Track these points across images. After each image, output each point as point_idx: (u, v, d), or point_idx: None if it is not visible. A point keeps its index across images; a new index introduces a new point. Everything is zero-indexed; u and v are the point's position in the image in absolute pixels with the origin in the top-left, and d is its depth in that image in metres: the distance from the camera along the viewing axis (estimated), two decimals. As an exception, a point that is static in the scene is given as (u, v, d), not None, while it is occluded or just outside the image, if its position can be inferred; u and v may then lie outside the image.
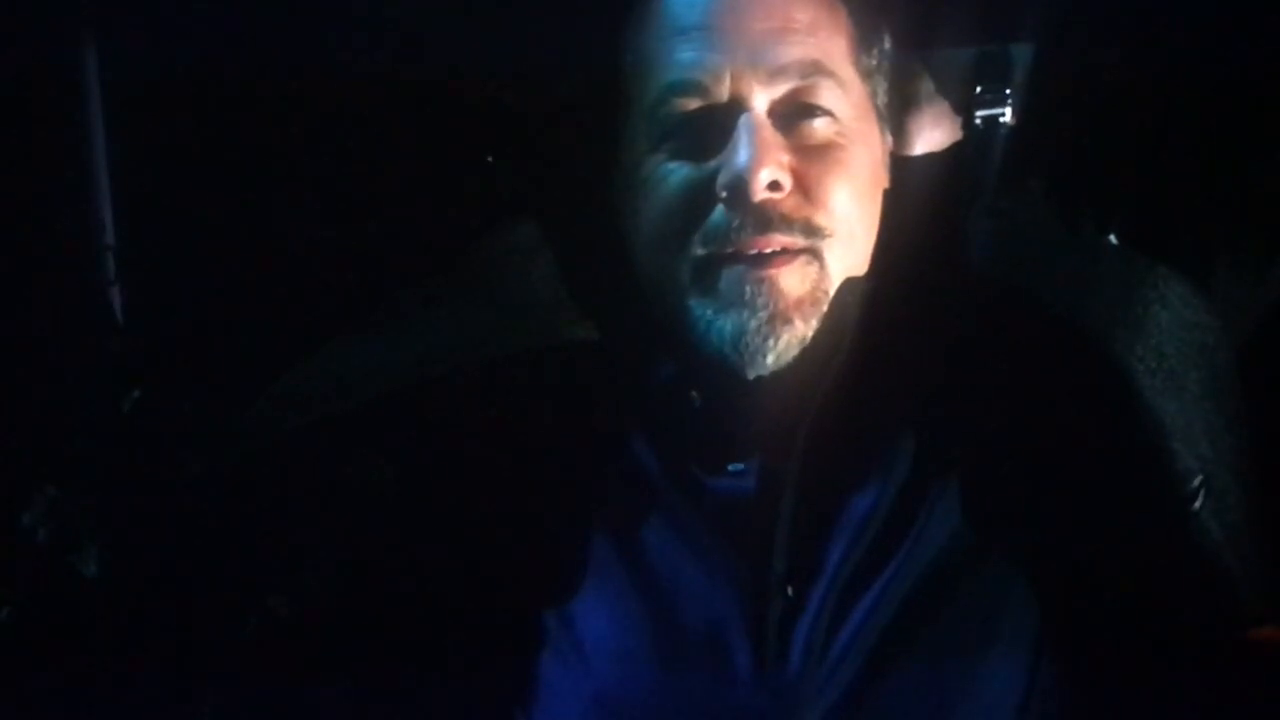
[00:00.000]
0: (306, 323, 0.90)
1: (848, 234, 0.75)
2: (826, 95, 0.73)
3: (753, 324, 0.72)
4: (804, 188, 0.73)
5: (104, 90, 1.08)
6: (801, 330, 0.73)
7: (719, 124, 0.72)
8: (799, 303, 0.73)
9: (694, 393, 0.77)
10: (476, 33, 0.78)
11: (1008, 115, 0.86)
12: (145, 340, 0.97)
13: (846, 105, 0.75)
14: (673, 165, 0.74)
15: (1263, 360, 0.85)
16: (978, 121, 0.86)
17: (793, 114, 0.73)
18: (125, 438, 0.85)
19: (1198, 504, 0.75)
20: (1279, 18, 0.86)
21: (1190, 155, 0.84)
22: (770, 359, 0.73)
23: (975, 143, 0.86)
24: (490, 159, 0.76)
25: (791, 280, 0.72)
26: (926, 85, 0.85)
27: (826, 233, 0.73)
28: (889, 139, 0.82)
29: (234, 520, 0.80)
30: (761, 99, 0.72)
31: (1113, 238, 0.78)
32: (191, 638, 0.83)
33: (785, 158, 0.72)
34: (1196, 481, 0.75)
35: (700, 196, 0.73)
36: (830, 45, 0.74)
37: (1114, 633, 0.78)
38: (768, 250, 0.72)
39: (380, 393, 0.74)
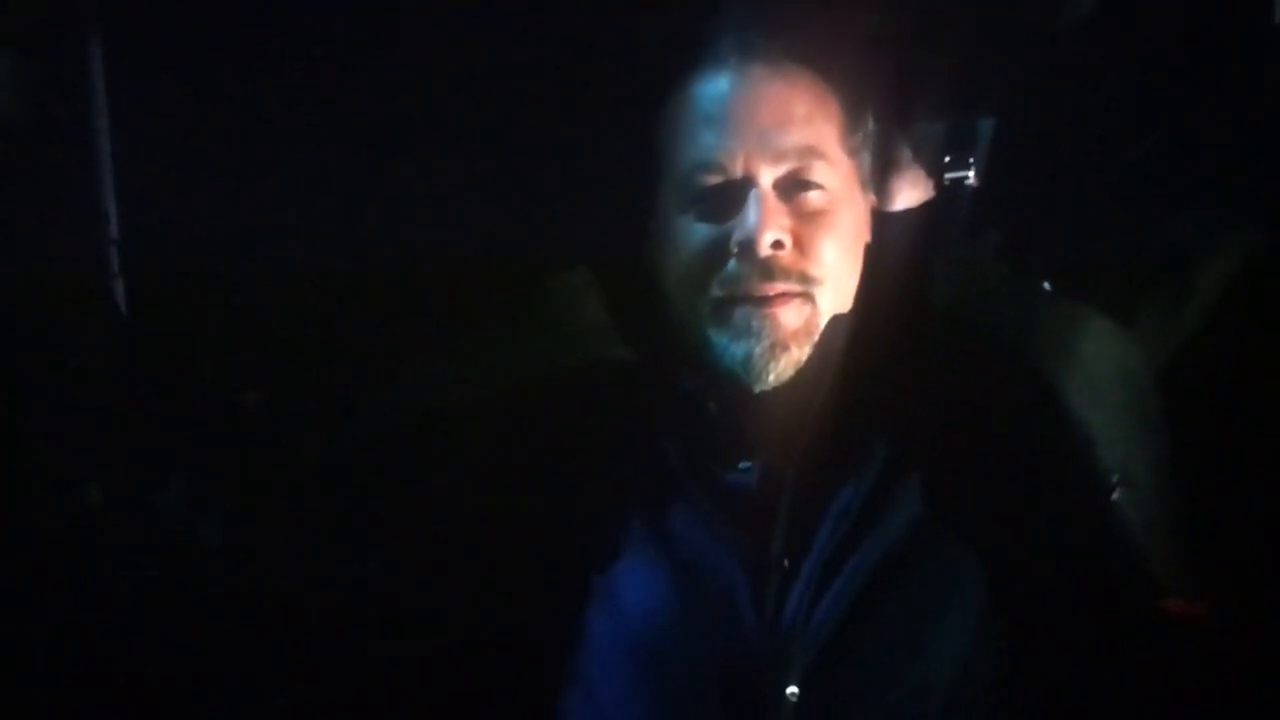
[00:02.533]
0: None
1: (835, 281, 0.93)
2: (819, 173, 0.91)
3: (758, 350, 0.91)
4: (800, 246, 0.91)
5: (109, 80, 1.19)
6: (797, 356, 0.91)
7: (734, 195, 0.91)
8: (795, 334, 0.91)
9: (712, 404, 0.94)
10: (539, 110, 0.97)
11: (971, 178, 1.04)
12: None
13: (835, 179, 0.93)
14: (697, 225, 0.92)
15: (1180, 380, 1.02)
16: (946, 183, 1.03)
17: (792, 188, 0.91)
18: (247, 431, 1.04)
19: (1116, 496, 0.92)
20: (1196, 102, 1.04)
21: (1118, 220, 1.02)
22: (772, 378, 0.91)
23: (944, 201, 1.03)
24: (552, 213, 0.94)
25: (789, 317, 0.91)
26: (904, 153, 1.02)
27: (818, 281, 0.91)
28: (872, 199, 1.00)
29: (339, 501, 0.99)
30: (767, 176, 0.90)
31: (1047, 285, 0.96)
32: (299, 597, 1.02)
33: (786, 222, 0.90)
34: (1115, 479, 0.92)
35: (718, 251, 0.91)
36: (823, 132, 0.92)
37: (1048, 600, 0.93)
38: (771, 293, 0.90)
39: (467, 397, 0.93)
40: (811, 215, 0.91)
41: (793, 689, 0.87)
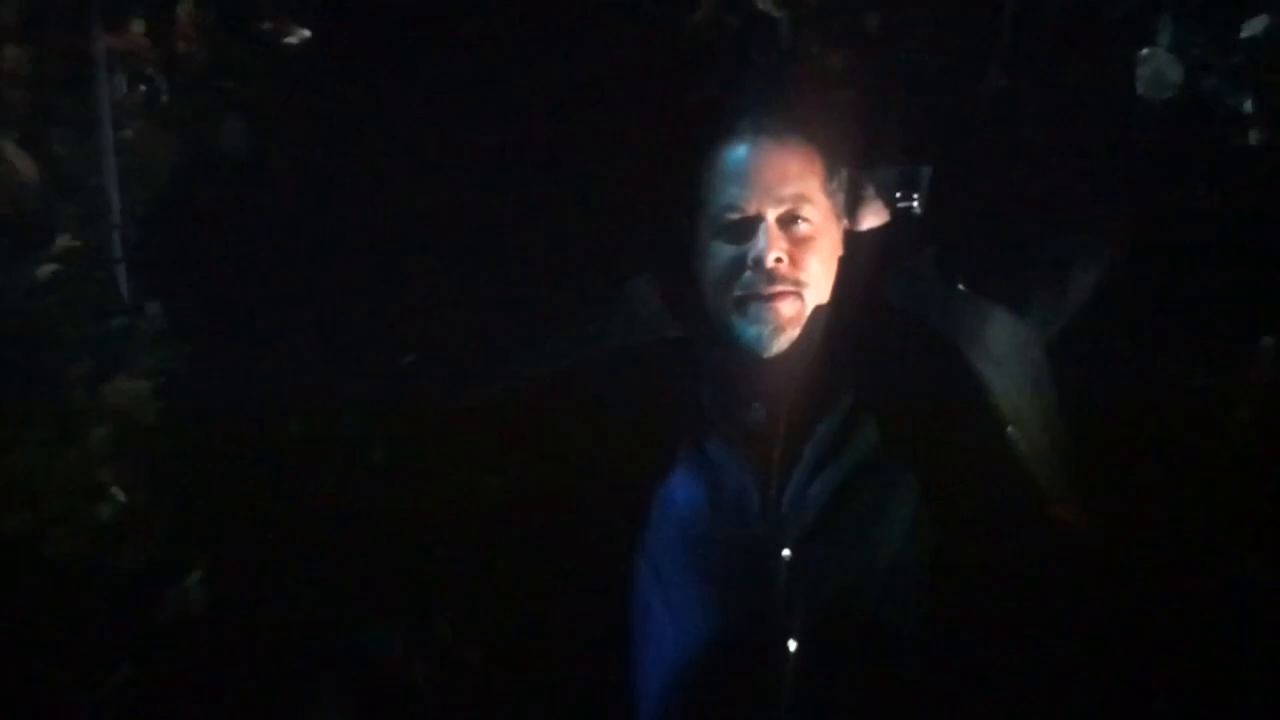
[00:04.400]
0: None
1: (817, 283, 1.31)
2: (806, 211, 1.30)
3: (766, 331, 1.30)
4: (794, 261, 1.29)
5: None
6: (791, 334, 1.30)
7: (749, 227, 1.29)
8: (790, 320, 1.30)
9: (734, 367, 1.33)
10: (626, 172, 1.38)
11: (915, 209, 1.42)
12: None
13: (818, 214, 1.31)
14: (725, 246, 1.31)
15: (1060, 351, 1.39)
16: (897, 213, 1.42)
17: (788, 222, 1.30)
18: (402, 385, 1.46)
19: (1010, 430, 1.29)
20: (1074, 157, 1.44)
21: (1016, 241, 1.41)
22: (775, 350, 1.30)
23: (894, 226, 1.41)
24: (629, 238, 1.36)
25: (786, 309, 1.29)
26: (867, 192, 1.40)
27: (806, 284, 1.30)
28: (844, 224, 1.37)
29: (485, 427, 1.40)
30: (771, 214, 1.29)
31: (962, 285, 1.36)
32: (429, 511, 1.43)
33: (784, 245, 1.29)
34: (1008, 418, 1.29)
35: (739, 264, 1.30)
36: (809, 183, 1.31)
37: (961, 500, 1.28)
38: (774, 292, 1.29)
39: (570, 360, 1.35)
40: (801, 239, 1.31)
41: (786, 552, 1.26)
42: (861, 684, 1.25)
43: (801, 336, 1.32)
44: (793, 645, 1.25)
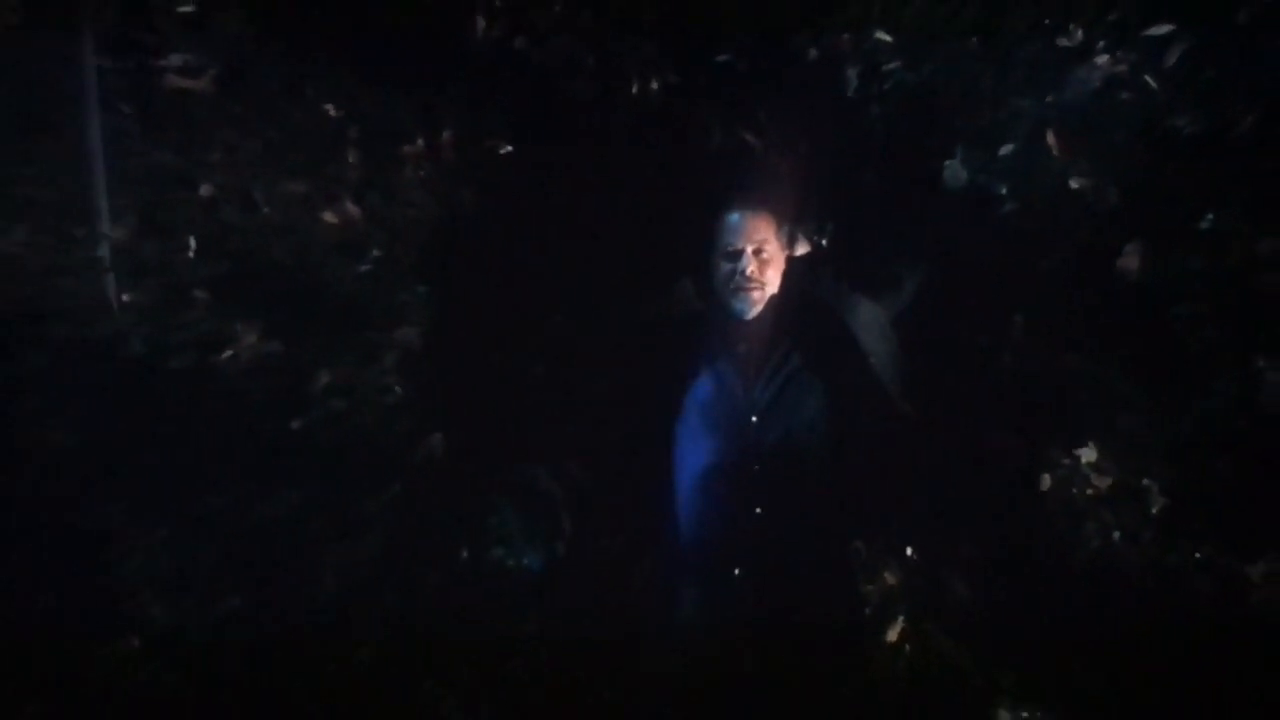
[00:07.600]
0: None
1: (772, 282, 2.52)
2: (767, 247, 2.51)
3: (746, 307, 2.52)
4: (760, 271, 2.50)
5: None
6: (758, 309, 2.52)
7: (738, 255, 2.49)
8: (758, 302, 2.51)
9: (730, 324, 2.57)
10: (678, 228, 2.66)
11: (824, 244, 2.70)
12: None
13: (773, 248, 2.53)
14: (726, 264, 2.52)
15: (898, 322, 2.66)
16: (814, 244, 2.67)
17: (757, 252, 2.49)
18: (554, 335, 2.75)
19: (871, 360, 2.51)
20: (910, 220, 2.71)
21: (874, 261, 2.67)
22: (750, 316, 2.52)
23: (812, 253, 2.65)
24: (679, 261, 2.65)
25: (756, 295, 2.51)
26: (799, 235, 2.61)
27: (766, 283, 2.51)
28: (786, 251, 2.60)
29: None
30: (749, 248, 2.49)
31: (847, 284, 2.64)
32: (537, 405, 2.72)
33: (755, 264, 2.49)
34: (870, 354, 2.51)
35: (732, 273, 2.51)
36: (769, 233, 2.53)
37: (849, 395, 2.48)
38: (750, 287, 2.50)
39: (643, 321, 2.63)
40: (764, 261, 2.52)
41: (755, 418, 2.49)
42: (796, 486, 2.48)
43: (764, 310, 2.54)
44: (757, 467, 2.47)
